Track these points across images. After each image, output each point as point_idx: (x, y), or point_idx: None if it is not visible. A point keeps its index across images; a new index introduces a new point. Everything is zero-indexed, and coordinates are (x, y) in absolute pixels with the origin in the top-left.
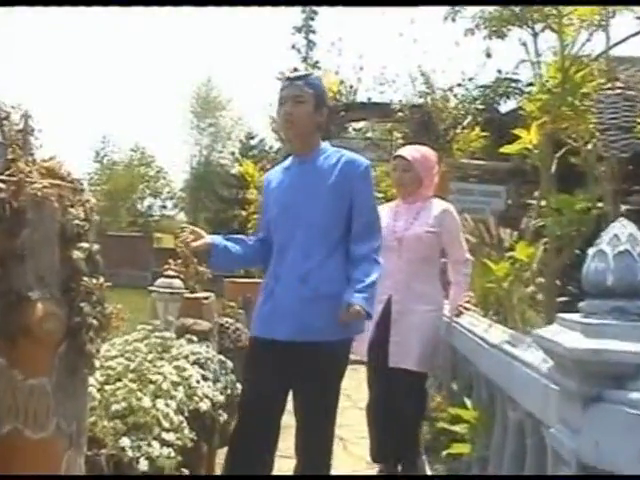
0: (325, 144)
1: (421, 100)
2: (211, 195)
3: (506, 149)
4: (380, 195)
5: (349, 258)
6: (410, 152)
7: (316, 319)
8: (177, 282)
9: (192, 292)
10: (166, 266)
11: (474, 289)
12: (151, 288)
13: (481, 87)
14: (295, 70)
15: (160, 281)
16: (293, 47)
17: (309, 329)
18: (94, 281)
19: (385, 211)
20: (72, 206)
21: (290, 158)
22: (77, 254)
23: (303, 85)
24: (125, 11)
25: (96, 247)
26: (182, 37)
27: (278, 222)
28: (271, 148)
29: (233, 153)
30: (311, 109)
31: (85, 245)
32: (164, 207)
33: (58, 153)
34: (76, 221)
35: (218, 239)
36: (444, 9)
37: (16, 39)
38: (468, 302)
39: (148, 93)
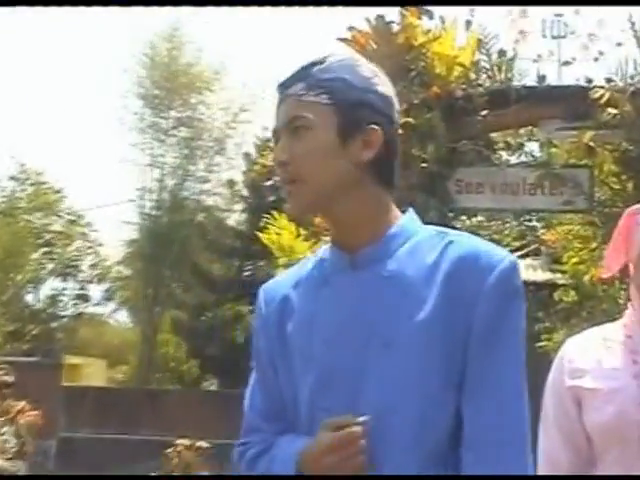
0: (408, 219)
1: None
2: (185, 271)
3: None
4: (563, 280)
5: None
6: None
7: None
8: None
9: None
10: None
11: None
12: None
13: None
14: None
15: None
16: None
17: None
18: None
19: (603, 349)
20: None
21: (326, 253)
22: None
23: (305, 90)
24: None
25: None
26: None
27: (313, 403)
28: None
29: (232, 185)
30: (328, 138)
31: None
32: (84, 297)
33: None
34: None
35: None
36: None
37: None
38: None
39: (52, 63)
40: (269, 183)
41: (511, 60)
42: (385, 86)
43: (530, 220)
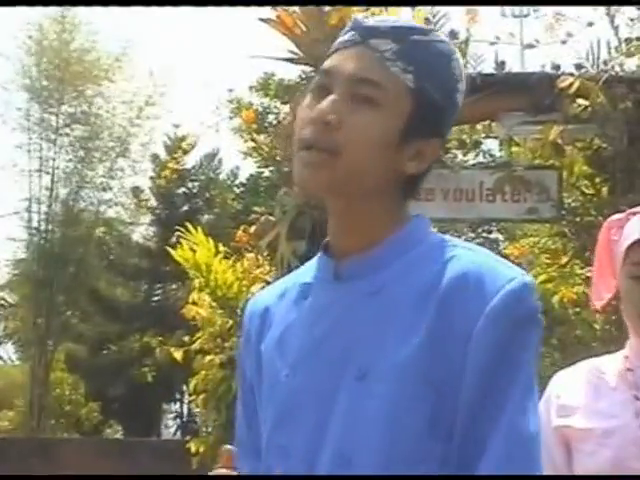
0: (414, 226)
1: None
2: (82, 297)
3: None
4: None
5: None
6: None
7: None
8: None
9: None
10: None
11: None
12: None
13: None
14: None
15: None
16: None
17: None
18: None
19: (598, 383)
20: None
21: (318, 259)
22: None
23: (394, 55)
24: None
25: None
26: None
27: (270, 438)
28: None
29: (138, 193)
30: (392, 127)
31: None
32: None
33: None
34: None
35: None
36: None
37: None
38: None
39: None
40: (182, 190)
41: (465, 43)
42: (463, 94)
43: (490, 231)
